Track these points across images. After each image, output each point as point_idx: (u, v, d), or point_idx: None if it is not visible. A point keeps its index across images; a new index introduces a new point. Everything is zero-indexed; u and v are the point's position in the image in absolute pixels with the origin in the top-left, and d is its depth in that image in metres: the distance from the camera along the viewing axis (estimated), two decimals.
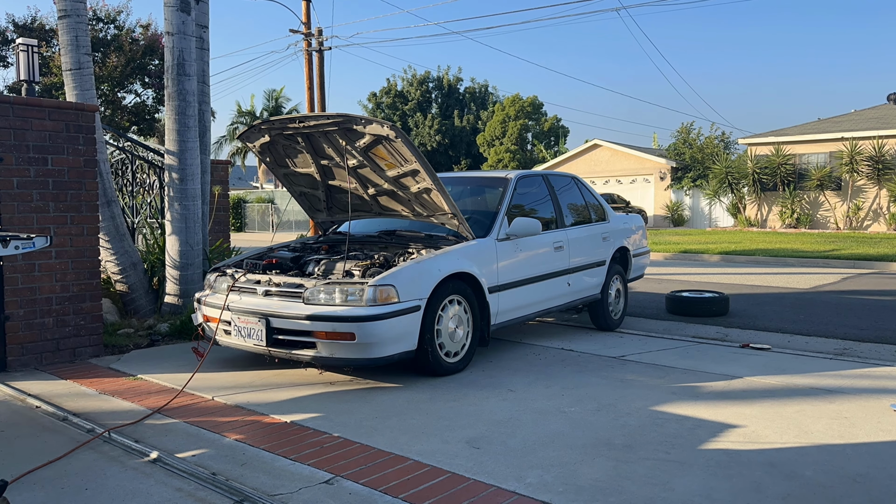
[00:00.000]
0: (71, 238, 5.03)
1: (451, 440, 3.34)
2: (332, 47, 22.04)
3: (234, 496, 2.72)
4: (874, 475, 2.93)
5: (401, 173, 4.93)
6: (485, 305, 4.88)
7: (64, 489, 2.80)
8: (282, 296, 4.42)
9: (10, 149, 4.71)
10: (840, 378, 4.62)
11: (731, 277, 11.29)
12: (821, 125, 25.85)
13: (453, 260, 4.66)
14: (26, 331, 4.81)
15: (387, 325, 4.13)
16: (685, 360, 5.10)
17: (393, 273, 4.30)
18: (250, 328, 4.39)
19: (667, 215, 29.59)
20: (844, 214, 23.58)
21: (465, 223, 4.99)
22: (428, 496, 2.70)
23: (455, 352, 4.67)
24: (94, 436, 3.41)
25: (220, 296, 4.72)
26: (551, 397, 4.08)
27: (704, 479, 2.87)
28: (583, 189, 6.72)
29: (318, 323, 4.13)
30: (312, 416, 3.70)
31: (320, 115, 4.84)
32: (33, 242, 3.07)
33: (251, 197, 39.51)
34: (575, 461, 3.07)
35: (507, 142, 38.17)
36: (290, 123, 5.01)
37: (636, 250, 7.17)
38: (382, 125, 4.60)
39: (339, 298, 4.20)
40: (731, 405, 3.94)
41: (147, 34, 18.37)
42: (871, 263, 12.95)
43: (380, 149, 4.81)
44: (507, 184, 5.65)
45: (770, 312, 7.69)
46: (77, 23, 5.98)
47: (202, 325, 4.88)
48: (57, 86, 15.98)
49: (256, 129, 5.24)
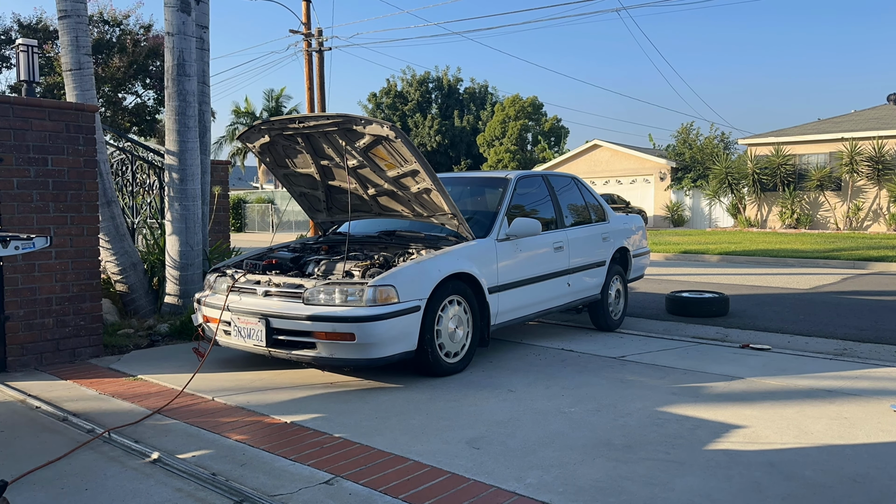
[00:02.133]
0: (71, 238, 5.03)
1: (451, 440, 3.34)
2: (332, 48, 22.05)
3: (234, 496, 2.72)
4: (874, 475, 2.93)
5: (401, 173, 4.93)
6: (485, 306, 4.88)
7: (64, 489, 2.80)
8: (282, 296, 4.42)
9: (10, 149, 4.71)
10: (840, 378, 4.62)
11: (731, 278, 11.29)
12: (821, 125, 25.85)
13: (453, 260, 4.66)
14: (26, 331, 4.81)
15: (387, 326, 4.13)
16: (685, 361, 5.10)
17: (392, 273, 4.30)
18: (250, 328, 4.39)
19: (667, 216, 29.59)
20: (844, 215, 23.58)
21: (464, 223, 4.99)
22: (428, 496, 2.70)
23: (455, 352, 4.67)
24: (94, 436, 3.41)
25: (220, 296, 4.72)
26: (551, 397, 4.08)
27: (704, 480, 2.87)
28: (583, 189, 6.72)
29: (318, 323, 4.13)
30: (312, 417, 3.70)
31: (320, 115, 4.84)
32: (33, 243, 3.07)
33: (251, 197, 39.52)
34: (575, 461, 3.07)
35: (507, 142, 38.17)
36: (289, 124, 5.01)
37: (636, 251, 7.17)
38: (382, 125, 4.60)
39: (339, 299, 4.20)
40: (731, 405, 3.94)
41: (149, 35, 18.38)
42: (871, 264, 12.94)
43: (380, 149, 4.81)
44: (507, 184, 5.66)
45: (770, 313, 7.69)
46: (77, 23, 5.98)
47: (202, 325, 4.88)
48: (60, 85, 15.99)
49: (256, 130, 5.24)
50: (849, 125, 24.76)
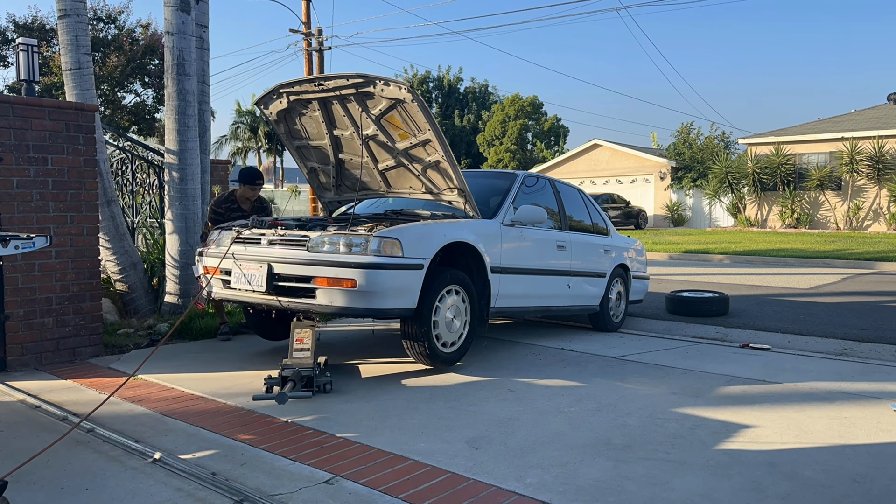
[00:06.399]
0: (71, 238, 5.03)
1: (450, 440, 3.34)
2: (332, 47, 22.06)
3: (234, 496, 2.72)
4: (874, 475, 2.93)
5: (413, 143, 4.97)
6: (486, 285, 4.90)
7: (64, 489, 2.80)
8: (286, 245, 4.43)
9: (9, 148, 4.70)
10: (840, 378, 4.62)
11: (731, 277, 11.29)
12: (821, 125, 25.85)
13: (459, 229, 4.71)
14: (26, 330, 4.80)
15: (389, 276, 4.13)
16: (685, 361, 5.10)
17: (399, 228, 4.34)
18: (251, 274, 4.41)
19: (667, 215, 29.58)
20: (844, 214, 23.58)
21: (472, 200, 5.05)
22: (428, 496, 2.70)
23: (452, 342, 4.68)
24: (94, 435, 3.41)
25: (224, 249, 4.73)
26: (551, 397, 4.08)
27: (704, 479, 2.87)
28: (587, 202, 6.80)
29: (321, 268, 4.15)
30: (312, 417, 3.70)
31: (339, 74, 4.84)
32: (33, 242, 3.07)
33: None
34: (575, 461, 3.07)
35: (507, 142, 38.16)
36: (307, 84, 5.03)
37: (636, 272, 7.16)
38: (400, 87, 4.64)
39: (344, 248, 4.22)
40: (731, 405, 3.94)
41: (147, 34, 18.37)
42: (871, 263, 12.94)
43: (394, 115, 4.84)
44: (515, 178, 5.78)
45: (770, 312, 7.69)
46: (77, 22, 5.98)
47: (201, 276, 4.89)
48: (57, 85, 15.98)
49: (274, 93, 5.27)
50: (849, 125, 24.76)
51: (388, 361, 5.00)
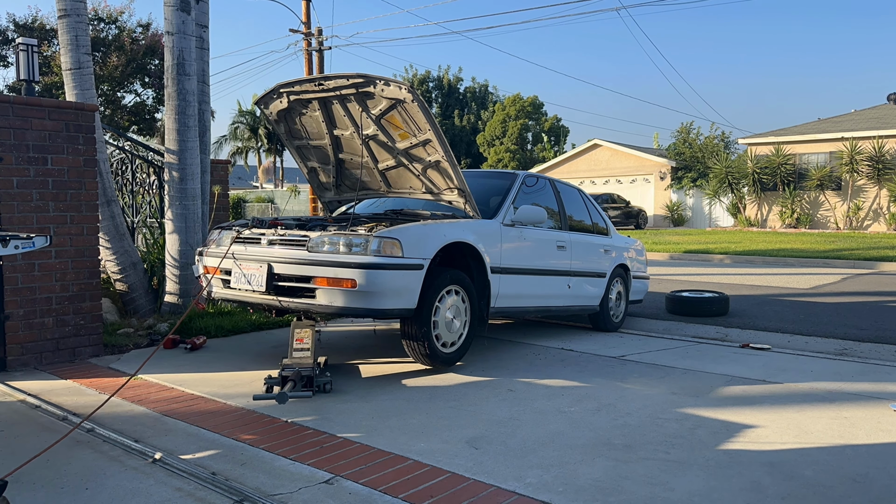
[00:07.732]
0: (71, 238, 5.03)
1: (450, 440, 3.34)
2: (332, 47, 22.07)
3: (234, 496, 2.72)
4: (874, 475, 2.93)
5: (413, 144, 4.96)
6: (486, 285, 4.90)
7: (64, 489, 2.80)
8: (286, 244, 4.44)
9: (9, 148, 4.70)
10: (840, 378, 4.62)
11: (731, 277, 11.29)
12: (821, 125, 25.85)
13: (458, 230, 4.71)
14: (26, 330, 4.80)
15: (389, 276, 4.14)
16: (685, 360, 5.10)
17: (399, 228, 4.34)
18: (252, 274, 4.41)
19: (667, 215, 29.59)
20: (844, 214, 23.58)
21: (472, 200, 5.05)
22: (428, 496, 2.70)
23: (452, 342, 4.69)
24: (94, 435, 3.41)
25: (224, 248, 4.74)
26: (551, 397, 4.08)
27: (704, 479, 2.87)
28: (587, 202, 6.79)
29: (321, 268, 4.15)
30: (312, 417, 3.70)
31: (339, 74, 4.84)
32: (33, 242, 3.07)
33: (251, 197, 39.52)
34: (575, 461, 3.07)
35: (508, 141, 38.15)
36: (308, 84, 5.03)
37: (636, 272, 7.16)
38: (401, 87, 4.64)
39: (344, 248, 4.22)
40: (731, 405, 3.94)
41: (147, 34, 18.36)
42: (871, 263, 12.94)
43: (394, 115, 4.84)
44: (516, 178, 5.79)
45: (770, 312, 7.69)
46: (77, 22, 5.98)
47: (201, 276, 4.90)
48: (57, 85, 15.96)
49: (275, 93, 5.27)
50: (849, 125, 24.76)
51: (389, 361, 5.00)
